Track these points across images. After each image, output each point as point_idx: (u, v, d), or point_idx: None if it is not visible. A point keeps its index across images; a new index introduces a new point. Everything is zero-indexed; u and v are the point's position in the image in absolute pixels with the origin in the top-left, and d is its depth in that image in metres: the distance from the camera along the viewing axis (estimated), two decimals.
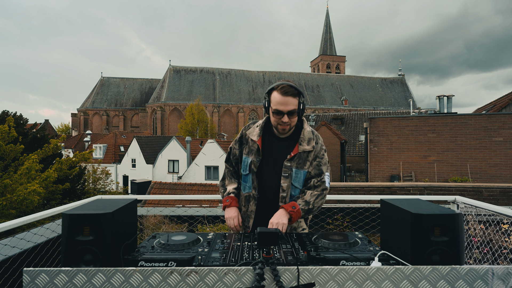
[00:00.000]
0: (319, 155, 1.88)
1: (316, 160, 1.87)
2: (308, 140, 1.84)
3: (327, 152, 1.98)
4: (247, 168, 1.89)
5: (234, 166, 2.02)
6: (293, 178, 1.81)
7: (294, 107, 1.76)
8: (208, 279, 1.08)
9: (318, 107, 73.58)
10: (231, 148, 2.02)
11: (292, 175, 1.81)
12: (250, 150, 1.89)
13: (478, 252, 3.05)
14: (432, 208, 1.33)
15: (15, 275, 2.33)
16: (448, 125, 11.33)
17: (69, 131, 67.60)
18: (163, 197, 3.36)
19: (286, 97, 1.74)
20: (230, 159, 2.03)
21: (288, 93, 1.74)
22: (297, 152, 1.82)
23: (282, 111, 1.74)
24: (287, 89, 1.74)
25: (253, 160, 1.85)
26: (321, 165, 1.87)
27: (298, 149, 1.82)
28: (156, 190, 15.24)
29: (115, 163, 33.94)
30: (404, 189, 5.62)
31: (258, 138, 1.86)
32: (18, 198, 7.59)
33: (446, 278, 1.09)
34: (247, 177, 1.90)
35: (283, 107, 1.74)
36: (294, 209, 1.73)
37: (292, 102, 1.75)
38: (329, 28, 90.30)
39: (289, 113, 1.75)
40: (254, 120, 1.93)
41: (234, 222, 1.82)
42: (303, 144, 1.83)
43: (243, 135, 1.96)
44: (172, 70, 73.31)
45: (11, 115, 16.64)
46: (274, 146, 1.88)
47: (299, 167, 1.82)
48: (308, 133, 1.87)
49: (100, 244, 1.23)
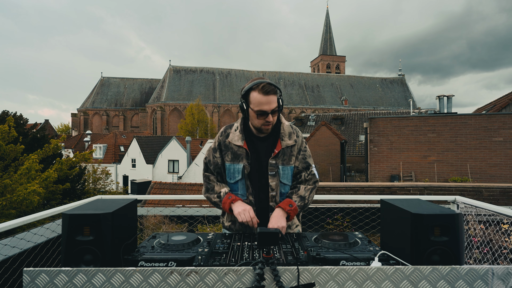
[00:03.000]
0: (302, 148, 1.85)
1: (300, 154, 1.84)
2: (289, 135, 1.81)
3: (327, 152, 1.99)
4: (237, 174, 1.79)
5: (216, 175, 1.88)
6: (281, 176, 1.77)
7: (276, 105, 1.70)
8: (208, 279, 1.08)
9: (318, 107, 73.59)
10: (210, 159, 1.88)
11: (280, 173, 1.77)
12: (237, 156, 1.79)
13: (478, 252, 3.05)
14: (432, 208, 1.33)
15: (15, 275, 2.33)
16: (448, 125, 11.33)
17: (69, 131, 67.59)
18: (163, 197, 3.36)
19: (268, 96, 1.67)
20: (210, 170, 1.89)
21: (269, 92, 1.67)
22: (280, 148, 1.77)
23: (266, 111, 1.67)
24: (267, 88, 1.67)
25: (245, 165, 1.77)
26: (307, 157, 1.85)
27: (281, 145, 1.78)
28: (156, 190, 15.24)
29: (115, 163, 33.95)
30: (404, 189, 5.63)
31: (243, 142, 1.78)
32: (18, 198, 7.59)
33: (446, 278, 1.09)
34: (236, 185, 1.81)
35: (267, 107, 1.67)
36: (292, 207, 1.69)
37: (274, 100, 1.69)
38: (329, 28, 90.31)
39: (273, 111, 1.69)
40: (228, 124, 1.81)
41: (250, 214, 1.66)
42: (285, 139, 1.79)
43: (221, 143, 1.84)
44: (172, 70, 73.32)
45: (11, 115, 16.64)
46: (256, 147, 1.81)
47: (284, 163, 1.78)
48: (287, 127, 1.83)
49: (100, 244, 1.23)
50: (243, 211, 1.67)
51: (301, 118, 30.23)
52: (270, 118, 1.70)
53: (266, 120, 1.71)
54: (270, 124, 1.73)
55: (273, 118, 1.72)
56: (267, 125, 1.74)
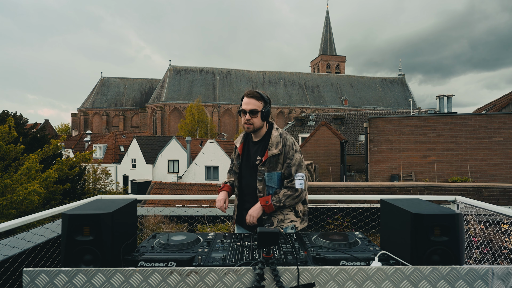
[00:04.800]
0: (289, 156, 2.06)
1: (286, 162, 2.07)
2: (276, 144, 2.05)
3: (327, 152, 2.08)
4: (235, 169, 2.23)
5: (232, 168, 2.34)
6: (266, 181, 2.04)
7: (256, 107, 2.01)
8: (208, 279, 1.08)
9: (318, 107, 73.59)
10: (232, 156, 2.34)
11: (265, 178, 2.04)
12: (236, 154, 2.23)
13: (478, 252, 3.05)
14: (432, 208, 1.33)
15: (15, 275, 2.33)
16: (448, 125, 11.33)
17: (69, 131, 67.62)
18: (163, 197, 3.36)
19: (248, 98, 2.03)
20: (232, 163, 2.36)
21: (250, 95, 2.03)
22: (267, 158, 2.03)
23: (244, 110, 2.03)
24: (250, 92, 2.05)
25: (235, 163, 2.22)
26: (291, 166, 2.06)
27: (268, 154, 2.03)
28: (156, 190, 15.24)
29: (115, 163, 33.94)
30: (404, 189, 5.62)
31: (240, 144, 2.20)
32: (18, 198, 7.59)
33: (446, 278, 1.09)
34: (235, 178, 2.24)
35: (245, 106, 2.03)
36: (267, 203, 1.99)
37: (254, 103, 2.02)
38: (329, 28, 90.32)
39: (250, 112, 2.01)
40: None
41: (219, 204, 2.12)
42: (272, 149, 2.04)
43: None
44: (172, 70, 73.32)
45: (11, 115, 16.65)
46: (249, 149, 2.17)
47: (270, 170, 2.05)
48: (275, 138, 2.07)
49: (100, 244, 1.23)
50: (218, 200, 2.15)
51: (301, 118, 30.23)
52: (248, 116, 2.02)
53: (246, 119, 2.03)
54: (250, 124, 2.04)
55: (252, 119, 2.02)
56: (246, 123, 2.05)
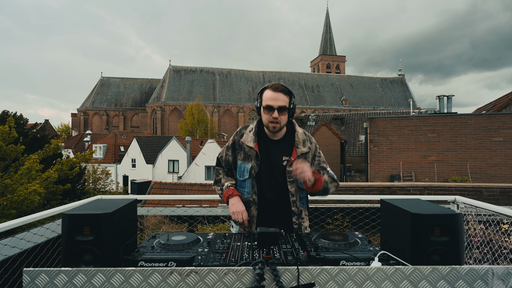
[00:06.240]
0: (317, 154, 1.93)
1: (315, 159, 1.92)
2: (303, 142, 1.88)
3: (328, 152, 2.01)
4: (245, 173, 1.87)
5: (227, 171, 1.99)
6: (299, 182, 1.80)
7: (285, 103, 1.78)
8: (208, 279, 1.08)
9: (318, 107, 73.58)
10: (223, 155, 1.98)
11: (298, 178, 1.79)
12: (247, 156, 1.87)
13: (478, 252, 3.05)
14: (432, 208, 1.33)
15: (15, 275, 2.33)
16: (448, 125, 11.33)
17: (69, 131, 67.60)
18: (163, 197, 3.37)
19: (276, 93, 1.78)
20: (221, 165, 2.00)
21: (278, 89, 1.78)
22: (296, 156, 1.83)
23: (272, 106, 1.77)
24: (278, 86, 1.80)
25: (253, 166, 1.84)
26: (321, 162, 1.93)
27: (297, 152, 1.84)
28: (156, 190, 15.25)
29: (115, 163, 33.94)
30: (404, 189, 5.62)
31: (254, 143, 1.86)
32: (19, 198, 7.60)
33: (446, 278, 1.09)
34: (244, 183, 1.88)
35: (273, 102, 1.77)
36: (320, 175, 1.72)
37: (283, 98, 1.78)
38: (329, 28, 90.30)
39: (279, 109, 1.77)
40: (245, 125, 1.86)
41: (243, 217, 1.78)
42: (300, 146, 1.86)
43: (235, 142, 1.94)
44: (172, 70, 73.32)
45: (12, 115, 16.65)
46: (268, 149, 1.88)
47: None
48: (301, 135, 1.91)
49: (100, 244, 1.23)
50: (237, 213, 1.78)
51: (301, 118, 30.22)
52: (276, 114, 1.76)
53: (273, 116, 1.77)
54: (277, 123, 1.79)
55: (280, 116, 1.78)
56: (273, 122, 1.79)
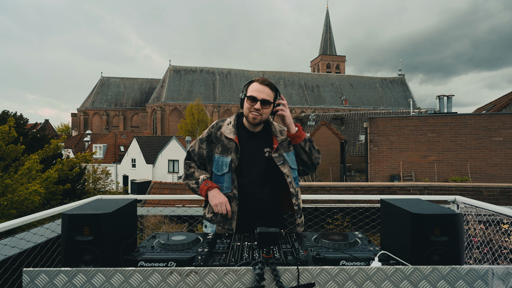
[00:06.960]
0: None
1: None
2: (280, 131, 1.91)
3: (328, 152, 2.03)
4: (224, 167, 1.80)
5: (199, 164, 1.91)
6: (289, 162, 1.83)
7: (269, 98, 1.78)
8: (208, 279, 1.08)
9: (318, 107, 73.58)
10: (195, 148, 1.91)
11: (287, 159, 1.84)
12: (226, 149, 1.81)
13: (478, 252, 3.05)
14: (432, 208, 1.33)
15: (15, 275, 2.33)
16: (448, 125, 11.33)
17: (69, 131, 67.61)
18: (163, 197, 3.36)
19: (263, 86, 1.77)
20: (192, 158, 1.91)
21: (265, 83, 1.78)
22: (278, 144, 1.85)
23: (256, 98, 1.76)
24: (265, 80, 1.80)
25: (233, 159, 1.79)
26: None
27: (277, 141, 1.86)
28: (156, 190, 15.23)
29: (115, 163, 33.95)
30: (404, 189, 5.63)
31: (234, 135, 1.81)
32: (19, 198, 7.60)
33: (446, 278, 1.09)
34: (222, 177, 1.81)
35: (257, 94, 1.76)
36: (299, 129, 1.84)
37: (268, 92, 1.78)
38: (329, 27, 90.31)
39: (262, 101, 1.76)
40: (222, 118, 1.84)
41: (226, 207, 1.74)
42: (278, 135, 1.88)
43: (211, 135, 1.88)
44: (172, 70, 73.31)
45: (11, 115, 16.65)
46: (248, 141, 1.86)
47: (286, 150, 1.86)
48: (277, 126, 1.94)
49: (100, 244, 1.22)
50: (220, 204, 1.74)
51: (301, 118, 30.22)
52: (258, 105, 1.76)
53: (255, 107, 1.77)
54: (258, 114, 1.78)
55: (262, 109, 1.77)
56: (254, 113, 1.78)
